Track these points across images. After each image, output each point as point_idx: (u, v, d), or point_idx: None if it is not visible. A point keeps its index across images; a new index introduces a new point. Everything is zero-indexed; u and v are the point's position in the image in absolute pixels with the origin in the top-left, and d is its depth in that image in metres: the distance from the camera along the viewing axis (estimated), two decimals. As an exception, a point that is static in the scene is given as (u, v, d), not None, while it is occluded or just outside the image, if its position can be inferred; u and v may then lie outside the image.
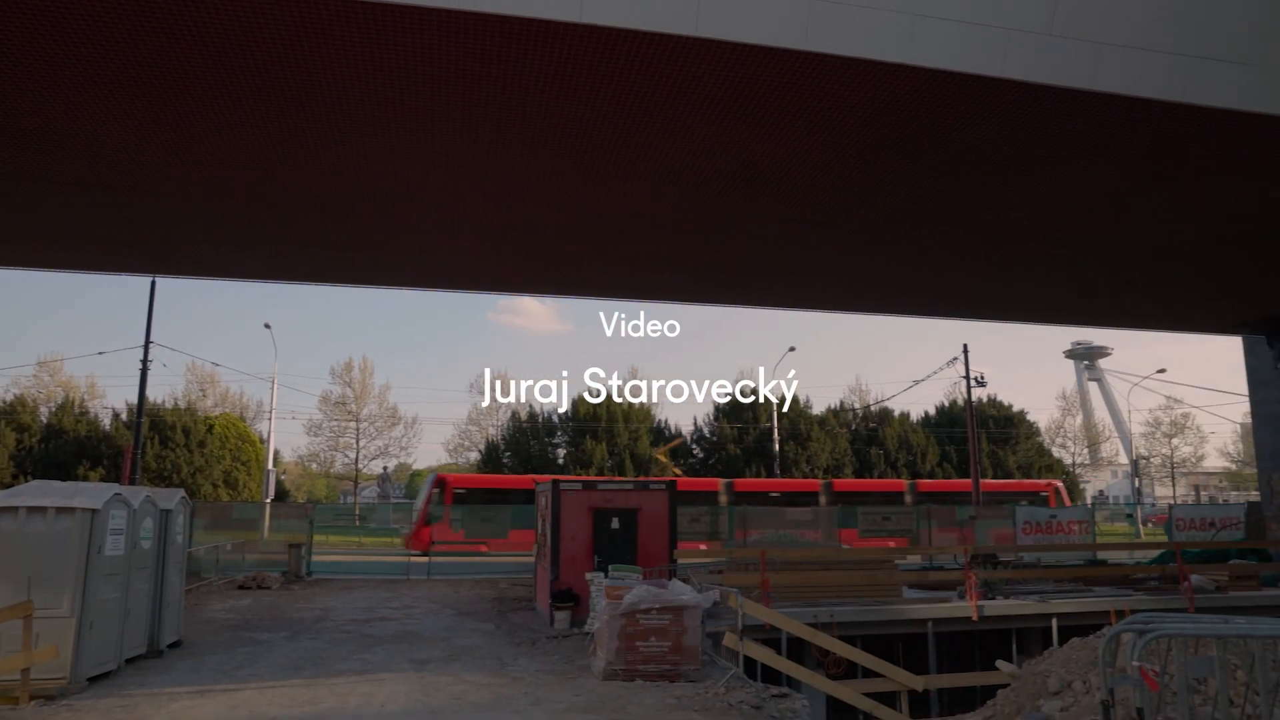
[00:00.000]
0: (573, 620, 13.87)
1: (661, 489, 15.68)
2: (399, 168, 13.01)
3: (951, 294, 21.37)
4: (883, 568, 16.25)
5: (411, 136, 11.92)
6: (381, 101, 10.96)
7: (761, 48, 9.91)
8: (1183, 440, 75.44)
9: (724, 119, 11.69)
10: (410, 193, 14.04)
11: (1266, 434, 25.17)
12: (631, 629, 10.10)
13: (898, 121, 11.85)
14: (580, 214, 15.19)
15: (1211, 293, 21.26)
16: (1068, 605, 15.44)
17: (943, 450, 54.35)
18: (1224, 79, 11.33)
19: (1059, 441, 72.32)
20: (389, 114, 11.28)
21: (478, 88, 10.64)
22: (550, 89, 10.74)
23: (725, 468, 50.25)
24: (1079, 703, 6.98)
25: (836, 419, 54.14)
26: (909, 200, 14.69)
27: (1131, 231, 16.41)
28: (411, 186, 13.76)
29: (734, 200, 14.58)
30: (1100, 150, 12.81)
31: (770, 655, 12.88)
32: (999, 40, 10.47)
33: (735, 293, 21.41)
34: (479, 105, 11.07)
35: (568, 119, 11.54)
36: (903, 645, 15.21)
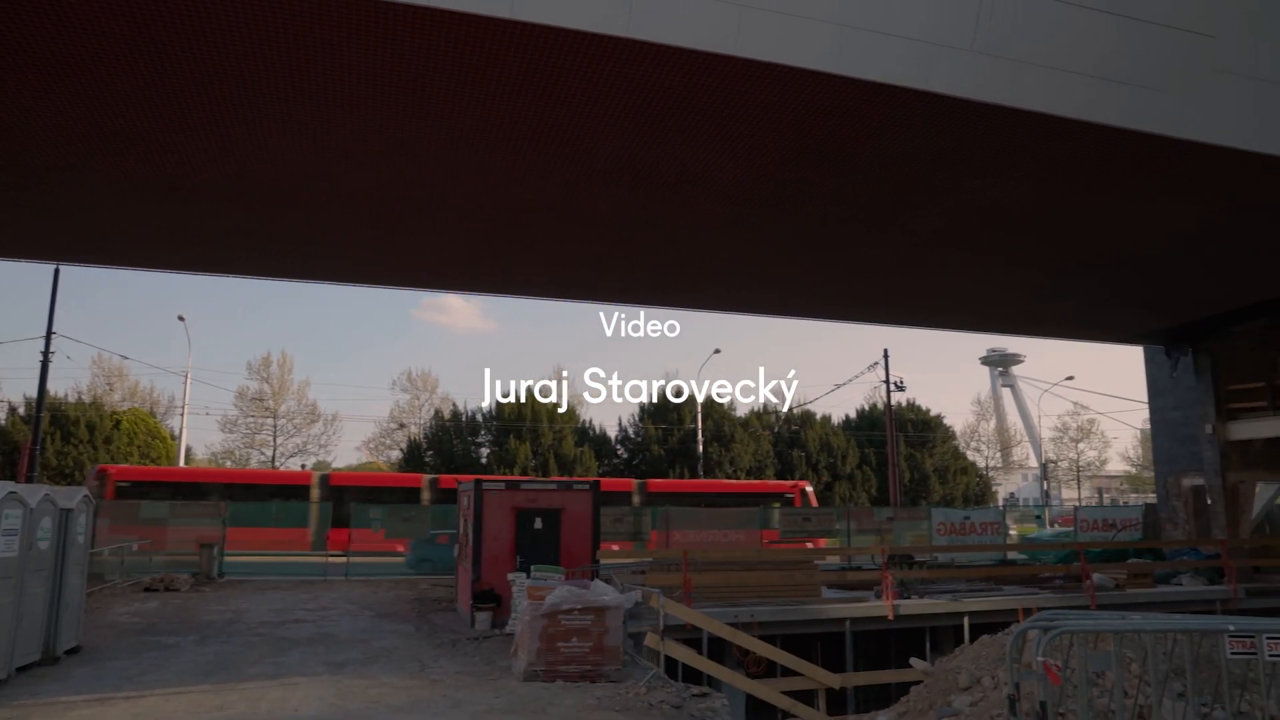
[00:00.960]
0: (494, 621, 13.74)
1: (585, 489, 15.66)
2: (320, 160, 12.72)
3: (874, 300, 21.86)
4: (803, 568, 16.52)
5: (332, 128, 11.66)
6: (301, 94, 10.70)
7: (693, 51, 9.98)
8: (1088, 445, 78.70)
9: (657, 121, 11.74)
10: (331, 186, 13.73)
11: (1163, 440, 26.41)
12: (553, 629, 10.05)
13: (826, 129, 12.07)
14: (509, 211, 15.06)
15: (1116, 305, 22.22)
16: (979, 604, 15.93)
17: (862, 453, 55.53)
18: (1135, 102, 11.84)
19: (973, 445, 74.61)
20: (307, 107, 11.02)
21: (403, 80, 10.47)
22: (478, 83, 10.63)
23: (649, 468, 50.44)
24: (987, 697, 7.22)
25: (760, 421, 54.83)
26: (837, 207, 14.97)
27: (1044, 244, 17.02)
28: (333, 179, 13.46)
29: (666, 202, 14.64)
30: (1018, 164, 13.26)
31: (691, 655, 12.97)
32: (923, 54, 10.74)
33: (664, 295, 21.50)
34: (402, 97, 10.89)
35: (496, 115, 11.43)
36: (821, 644, 15.48)
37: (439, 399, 59.34)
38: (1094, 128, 11.86)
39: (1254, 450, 23.56)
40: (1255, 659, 5.30)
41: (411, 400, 60.34)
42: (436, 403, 58.17)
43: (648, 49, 9.91)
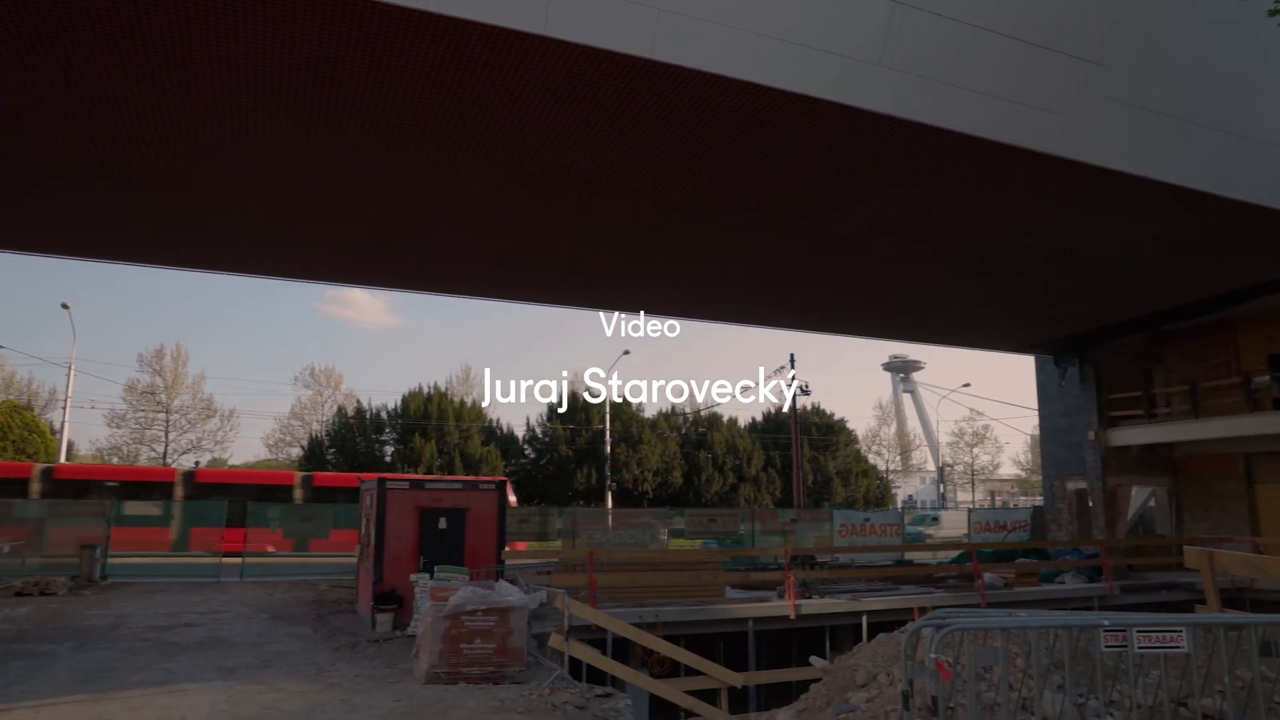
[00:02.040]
0: (396, 623, 13.47)
1: (491, 489, 15.49)
2: (211, 143, 12.25)
3: (782, 304, 22.29)
4: (707, 568, 16.71)
5: (224, 105, 11.25)
6: (190, 70, 10.30)
7: (609, 53, 10.00)
8: (982, 450, 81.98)
9: (574, 120, 11.72)
10: (225, 170, 13.23)
11: (1051, 445, 27.70)
12: (456, 631, 9.91)
13: (740, 136, 12.25)
14: (420, 206, 14.81)
15: (1011, 315, 23.21)
16: (877, 603, 16.40)
17: (767, 455, 56.50)
18: (1031, 122, 12.40)
19: (875, 449, 76.86)
20: (192, 81, 10.62)
21: (313, 64, 10.19)
22: (392, 74, 10.42)
23: (557, 469, 50.26)
24: (883, 694, 7.44)
25: (668, 423, 55.24)
26: (749, 212, 15.20)
27: (946, 254, 17.66)
28: (226, 163, 12.97)
29: (581, 201, 14.63)
30: (923, 177, 13.72)
31: (595, 655, 12.98)
32: (837, 66, 11.01)
33: (574, 294, 21.46)
34: (310, 81, 10.60)
35: (412, 107, 11.23)
36: (724, 643, 15.68)
37: (343, 395, 57.90)
38: (993, 145, 12.37)
39: (1131, 456, 24.95)
40: (1126, 651, 5.63)
41: (314, 396, 58.69)
42: (340, 399, 56.73)
43: (566, 48, 9.89)
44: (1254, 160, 14.27)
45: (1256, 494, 23.61)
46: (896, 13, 11.05)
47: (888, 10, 11.01)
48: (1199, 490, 24.95)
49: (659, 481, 51.90)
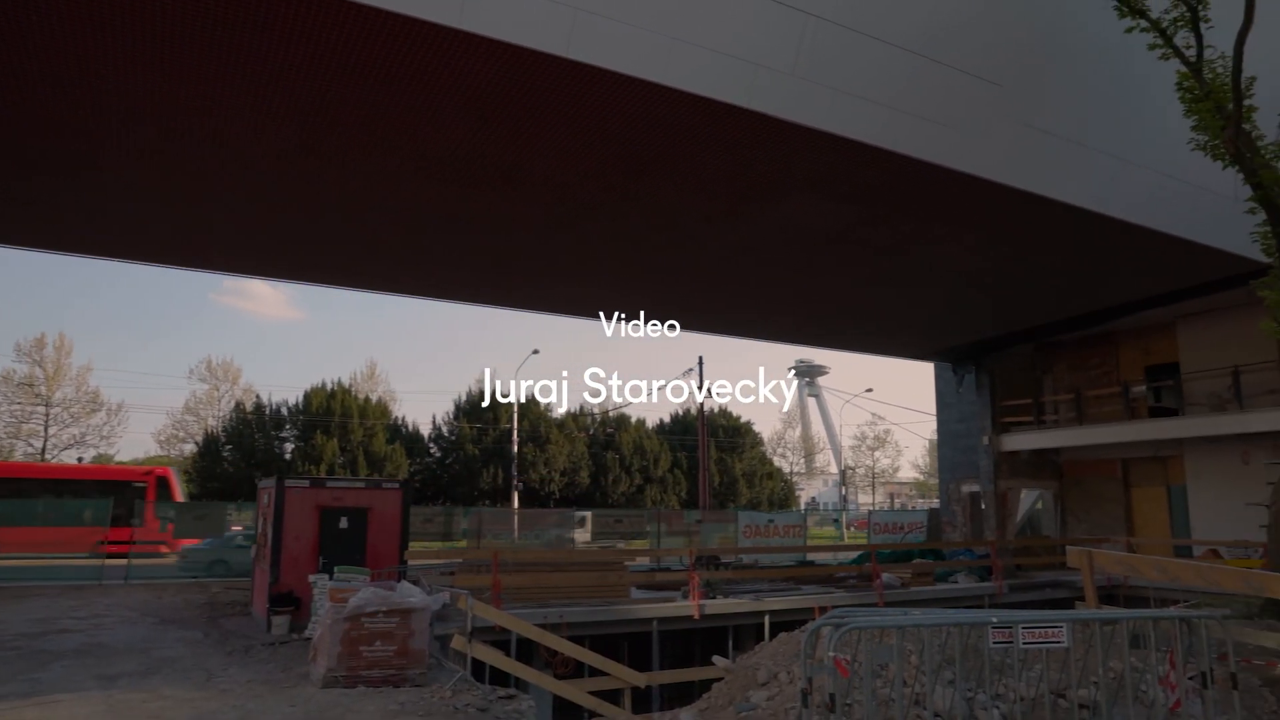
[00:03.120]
0: (293, 625, 13.07)
1: (395, 488, 15.19)
2: (96, 118, 11.67)
3: (689, 307, 22.50)
4: (613, 569, 16.73)
5: (114, 78, 10.75)
6: (92, 49, 9.81)
7: (523, 49, 9.94)
8: (883, 453, 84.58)
9: (487, 115, 11.59)
10: (111, 148, 12.62)
11: (947, 450, 28.73)
12: (356, 633, 9.68)
13: (650, 138, 12.33)
14: (322, 195, 14.42)
15: (912, 324, 23.98)
16: (779, 603, 16.70)
17: (674, 456, 56.93)
18: (932, 136, 12.84)
19: (779, 452, 78.38)
20: (103, 64, 10.12)
21: (209, 39, 9.81)
22: (296, 61, 10.12)
23: (463, 468, 49.58)
24: (783, 692, 7.58)
25: (575, 423, 55.14)
26: (658, 214, 15.30)
27: (851, 263, 18.13)
28: (113, 140, 12.37)
29: (489, 198, 14.48)
30: (830, 186, 14.05)
31: (499, 657, 12.85)
32: (748, 73, 11.19)
33: (481, 291, 21.19)
34: (204, 57, 10.21)
35: (313, 93, 10.93)
36: (629, 644, 15.73)
37: (241, 390, 55.84)
38: (897, 156, 12.76)
39: (1021, 460, 26.09)
40: (1012, 647, 5.89)
41: (210, 391, 56.43)
42: (238, 394, 54.69)
43: (480, 43, 9.78)
44: (1134, 183, 15.11)
45: (1132, 497, 25.00)
46: (809, 24, 11.30)
47: (800, 21, 11.25)
48: (1082, 493, 26.27)
49: (566, 482, 51.72)
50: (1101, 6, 12.12)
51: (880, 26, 11.87)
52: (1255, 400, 20.55)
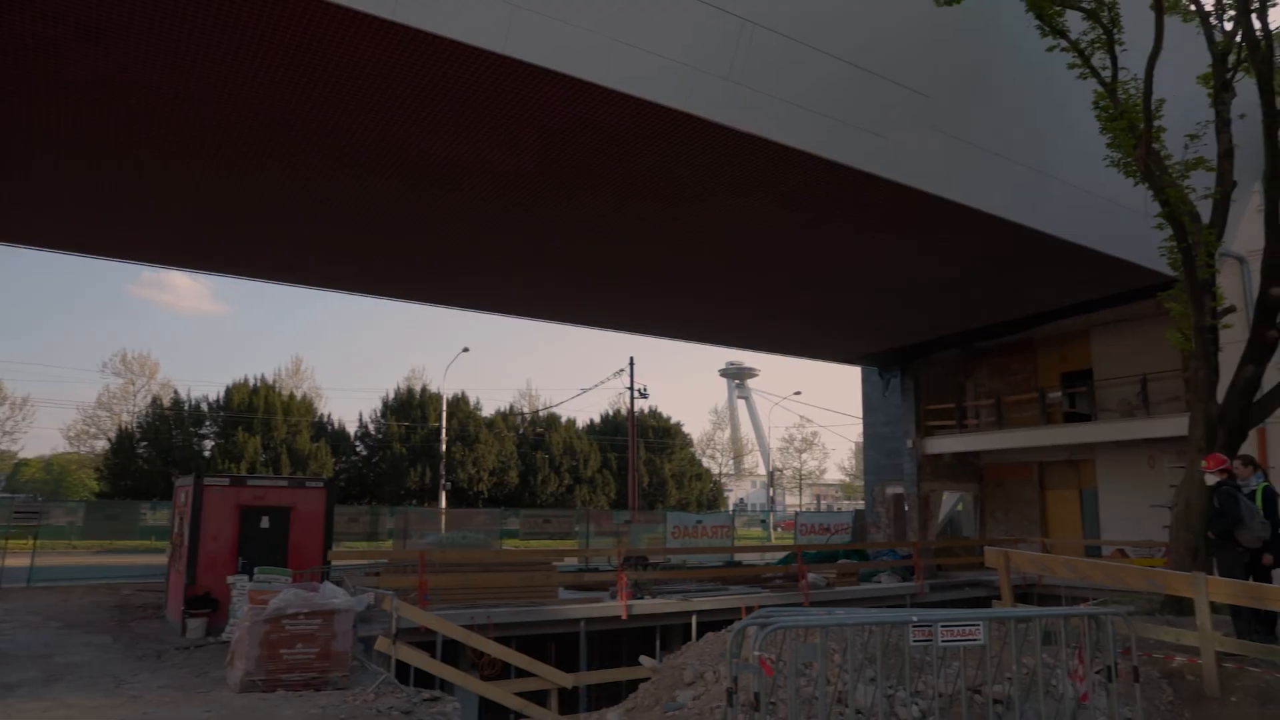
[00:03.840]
0: (209, 628, 12.68)
1: (319, 486, 14.87)
2: (17, 103, 11.20)
3: (625, 308, 22.54)
4: (541, 569, 16.65)
5: (36, 61, 10.32)
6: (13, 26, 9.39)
7: (460, 44, 9.83)
8: (810, 455, 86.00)
9: (423, 111, 11.44)
10: (24, 128, 12.10)
11: (873, 452, 29.31)
12: (276, 635, 9.44)
13: (586, 137, 12.32)
14: (249, 186, 14.04)
15: (841, 328, 24.41)
16: (706, 603, 16.81)
17: (604, 457, 56.92)
18: (863, 144, 13.11)
19: (709, 453, 79.03)
20: (25, 41, 9.69)
21: (140, 34, 9.48)
22: (222, 47, 9.84)
23: (390, 466, 48.77)
24: (709, 691, 7.64)
25: (505, 422, 54.72)
26: (594, 214, 15.30)
27: (782, 267, 18.37)
28: (28, 120, 11.85)
29: (425, 194, 14.29)
30: (763, 190, 14.22)
31: (424, 659, 12.67)
32: (686, 77, 11.26)
33: (414, 288, 20.90)
34: (135, 53, 9.87)
35: (239, 79, 10.64)
36: (556, 644, 15.67)
37: (158, 385, 53.99)
38: (828, 163, 12.99)
39: (943, 463, 26.79)
40: (932, 645, 6.05)
41: (125, 385, 54.45)
42: (155, 389, 52.86)
43: (415, 36, 9.65)
44: (1053, 195, 15.66)
45: (1047, 499, 25.88)
46: (745, 29, 11.43)
47: (737, 26, 11.36)
48: (1000, 495, 27.10)
49: (495, 482, 51.29)
50: (1026, 26, 12.52)
51: (816, 35, 12.06)
52: (1161, 407, 21.49)
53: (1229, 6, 12.39)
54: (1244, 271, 18.46)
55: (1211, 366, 12.35)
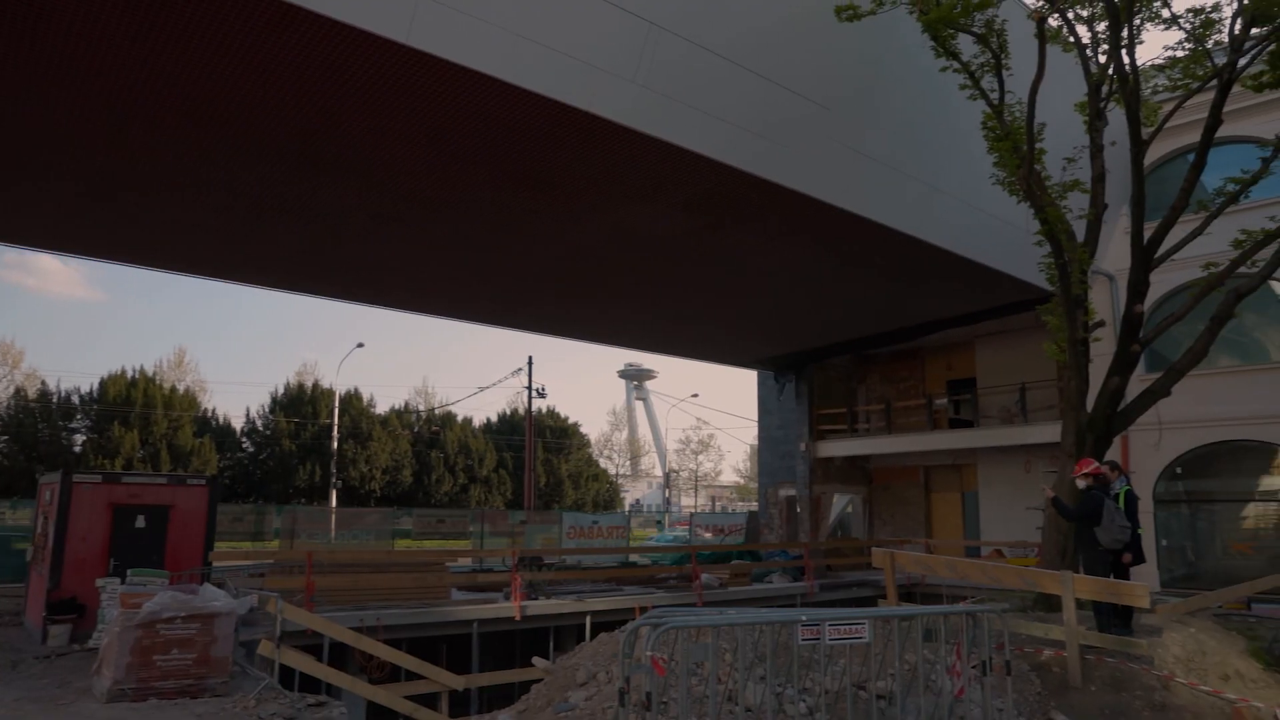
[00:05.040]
0: (74, 635, 11.98)
1: (202, 484, 14.24)
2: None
3: (524, 307, 22.36)
4: (433, 570, 16.37)
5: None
6: None
7: (361, 31, 9.58)
8: (706, 457, 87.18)
9: (312, 96, 11.08)
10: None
11: (767, 455, 29.90)
12: (149, 641, 8.99)
13: (488, 134, 12.16)
14: (128, 168, 13.33)
15: (739, 332, 24.80)
16: (601, 603, 16.84)
17: (500, 456, 56.37)
18: (766, 153, 13.35)
19: (606, 454, 79.19)
20: None
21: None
22: (94, 27, 9.32)
23: (279, 463, 47.13)
24: (602, 691, 7.65)
25: (400, 420, 53.60)
26: (489, 209, 15.11)
27: (681, 270, 18.54)
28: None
29: (315, 183, 13.86)
30: (666, 194, 14.32)
31: (310, 662, 12.28)
32: (592, 78, 11.24)
33: (303, 280, 20.20)
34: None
35: (110, 59, 10.09)
36: (448, 646, 15.44)
37: (23, 375, 50.64)
38: (730, 169, 13.18)
39: (834, 466, 27.55)
40: (819, 643, 6.21)
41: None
42: (20, 379, 49.57)
43: (315, 20, 9.34)
44: (944, 210, 16.31)
45: (931, 501, 26.94)
46: (652, 33, 11.49)
47: (644, 30, 11.42)
48: (888, 497, 28.04)
49: (388, 480, 50.16)
50: (922, 46, 12.98)
51: (722, 44, 12.23)
52: (1038, 414, 22.66)
53: (1103, 41, 13.14)
54: (1113, 289, 19.65)
55: (1082, 377, 13.07)
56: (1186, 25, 13.02)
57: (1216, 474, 19.22)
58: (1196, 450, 18.98)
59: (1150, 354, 16.83)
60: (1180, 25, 13.07)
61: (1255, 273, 12.82)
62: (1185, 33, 13.09)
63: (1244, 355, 19.20)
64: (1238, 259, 12.89)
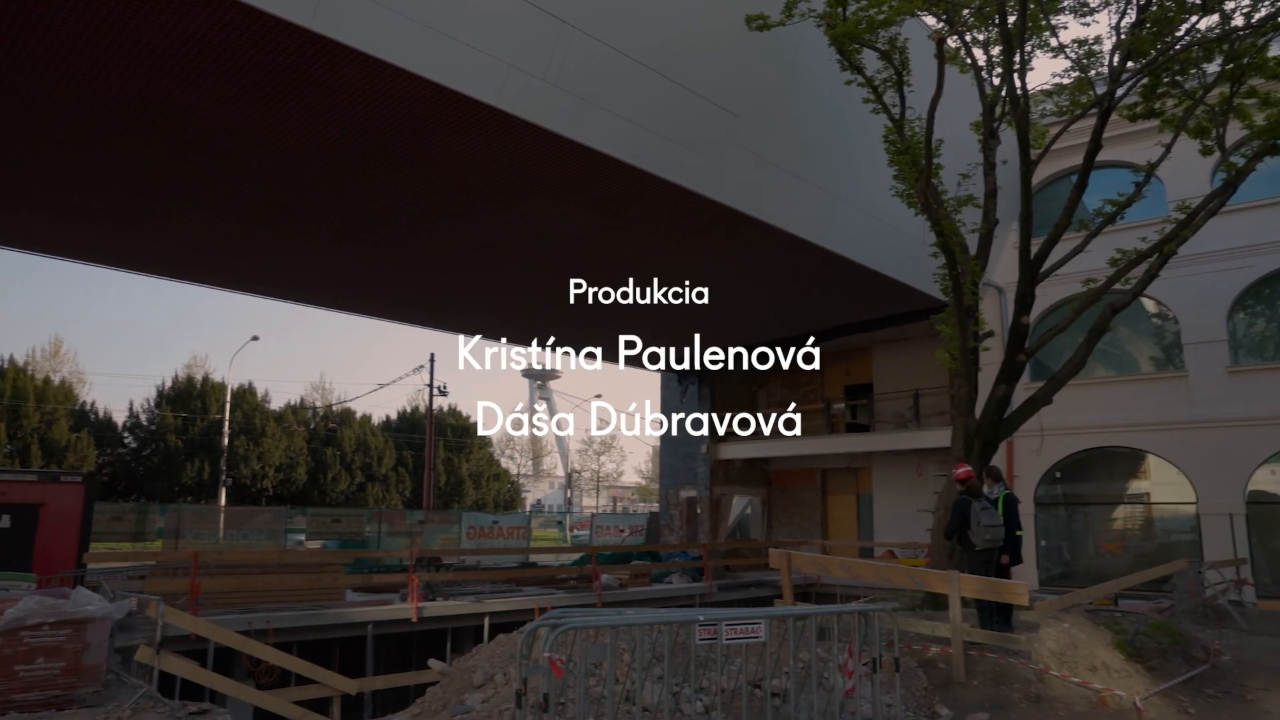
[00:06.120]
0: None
1: (77, 481, 13.52)
2: None
3: (426, 303, 21.95)
4: (327, 571, 15.93)
5: None
6: None
7: (264, 14, 9.24)
8: (609, 458, 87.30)
9: (209, 78, 10.64)
10: None
11: (669, 456, 30.11)
12: (12, 650, 8.43)
13: (393, 125, 11.91)
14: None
15: (642, 334, 24.86)
16: (500, 604, 16.67)
17: (400, 455, 55.22)
18: (672, 156, 13.45)
19: (508, 453, 78.45)
20: None
21: None
22: None
23: (164, 460, 45.01)
24: (499, 693, 7.56)
25: (295, 416, 51.94)
26: (396, 203, 14.80)
27: (586, 270, 18.51)
28: None
29: (209, 166, 13.29)
30: (572, 194, 14.28)
31: (193, 669, 11.76)
32: (501, 73, 11.12)
33: (189, 269, 19.27)
34: None
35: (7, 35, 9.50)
36: (341, 649, 15.04)
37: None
38: (637, 171, 13.24)
39: (735, 468, 27.96)
40: (717, 643, 6.29)
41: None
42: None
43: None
44: (844, 218, 16.75)
45: (829, 504, 27.62)
46: (564, 32, 11.45)
47: (556, 28, 11.37)
48: (786, 499, 28.62)
49: (281, 478, 48.52)
50: (828, 58, 13.30)
51: (634, 46, 12.27)
52: (930, 420, 23.52)
53: (997, 65, 13.72)
54: (1002, 300, 20.55)
55: (972, 385, 13.61)
56: (1072, 55, 13.73)
57: (1091, 478, 20.32)
58: (1074, 456, 20.03)
59: (1035, 364, 17.67)
60: (1066, 55, 13.77)
61: (1129, 289, 13.59)
62: (1071, 61, 13.80)
63: (1118, 366, 20.36)
64: (1113, 276, 13.64)
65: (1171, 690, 9.18)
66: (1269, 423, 17.47)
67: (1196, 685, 9.50)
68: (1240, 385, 18.05)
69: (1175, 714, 8.64)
